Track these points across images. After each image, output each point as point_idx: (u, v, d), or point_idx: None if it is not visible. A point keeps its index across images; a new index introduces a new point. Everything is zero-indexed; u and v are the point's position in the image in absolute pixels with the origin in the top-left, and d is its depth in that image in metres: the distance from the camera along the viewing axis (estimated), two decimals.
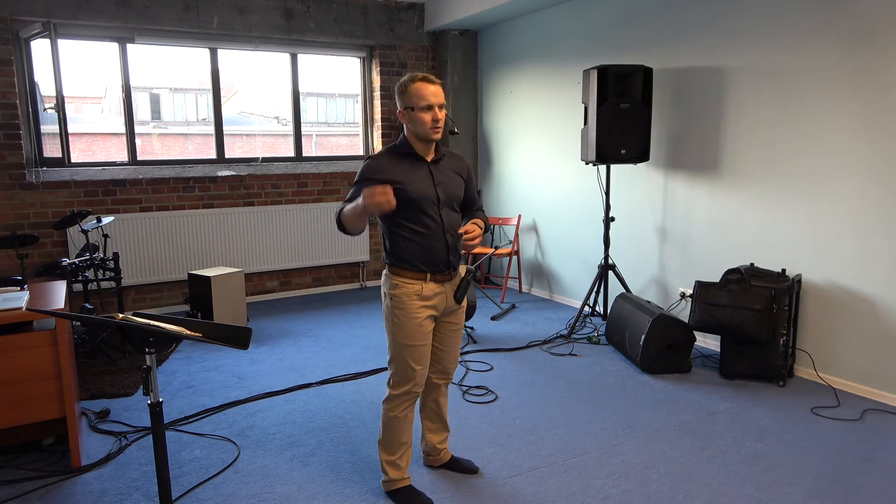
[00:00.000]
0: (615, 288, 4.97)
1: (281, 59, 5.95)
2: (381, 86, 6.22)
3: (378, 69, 6.20)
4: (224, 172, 5.60)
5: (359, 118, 6.51)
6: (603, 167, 4.87)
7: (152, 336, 1.81)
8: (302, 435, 3.12)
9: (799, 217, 3.77)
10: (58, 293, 3.03)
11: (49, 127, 4.98)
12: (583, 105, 4.53)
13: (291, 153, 6.08)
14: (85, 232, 4.24)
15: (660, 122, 4.60)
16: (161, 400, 1.89)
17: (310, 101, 8.03)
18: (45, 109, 4.95)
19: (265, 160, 5.87)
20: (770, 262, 3.95)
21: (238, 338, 1.87)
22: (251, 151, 6.32)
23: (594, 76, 4.33)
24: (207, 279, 4.71)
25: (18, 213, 4.83)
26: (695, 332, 3.98)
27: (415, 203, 2.31)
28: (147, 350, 1.82)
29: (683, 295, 4.51)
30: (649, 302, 4.19)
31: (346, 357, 4.26)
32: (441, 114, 2.31)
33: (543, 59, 5.58)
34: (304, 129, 6.10)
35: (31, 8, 4.69)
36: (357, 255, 6.27)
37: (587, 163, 4.50)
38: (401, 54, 6.28)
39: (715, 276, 4.20)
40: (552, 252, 5.76)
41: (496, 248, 5.78)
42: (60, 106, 4.88)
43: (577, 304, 5.45)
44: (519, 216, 5.96)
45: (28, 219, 4.87)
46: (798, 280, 3.72)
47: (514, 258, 6.07)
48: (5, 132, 4.73)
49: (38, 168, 4.91)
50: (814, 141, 3.65)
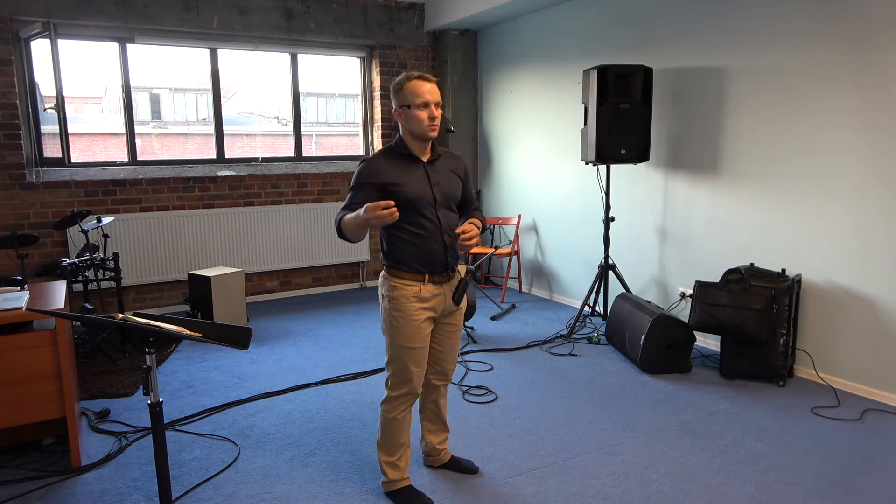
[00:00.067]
0: (615, 288, 4.97)
1: (281, 59, 5.95)
2: (381, 86, 6.22)
3: (378, 69, 6.20)
4: (224, 172, 5.60)
5: (359, 118, 6.51)
6: (603, 167, 4.87)
7: (152, 336, 1.81)
8: (302, 435, 3.13)
9: (799, 217, 3.77)
10: (58, 293, 3.03)
11: (49, 127, 4.98)
12: (583, 105, 4.53)
13: (291, 153, 6.08)
14: (85, 232, 4.24)
15: (660, 122, 4.60)
16: (161, 400, 1.89)
17: (310, 101, 8.04)
18: (45, 109, 4.95)
19: (265, 160, 5.87)
20: (770, 262, 3.95)
21: (238, 338, 1.87)
22: (251, 151, 6.33)
23: (594, 76, 4.33)
24: (207, 279, 4.72)
25: (18, 213, 4.84)
26: (695, 332, 3.98)
27: (411, 204, 2.30)
28: (147, 350, 1.82)
29: (683, 295, 4.51)
30: (649, 302, 4.19)
31: (346, 357, 4.26)
32: (437, 112, 2.30)
33: (543, 59, 5.58)
34: (304, 129, 6.10)
35: (31, 8, 4.69)
36: (357, 255, 6.27)
37: (587, 163, 4.50)
38: (401, 54, 6.27)
39: (715, 276, 4.20)
40: (552, 252, 5.76)
41: (496, 248, 5.78)
42: (60, 106, 4.88)
43: (577, 304, 5.45)
44: (519, 216, 5.96)
45: (28, 219, 4.87)
46: (798, 280, 3.72)
47: (514, 258, 6.07)
48: (5, 132, 4.73)
49: (38, 168, 4.91)
50: (814, 140, 3.65)
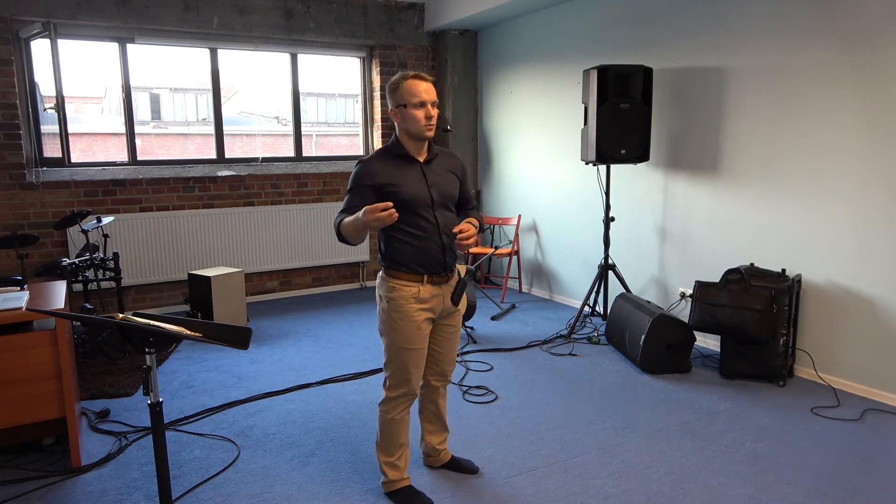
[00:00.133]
0: (615, 288, 4.97)
1: (281, 59, 5.95)
2: (381, 86, 6.22)
3: (378, 69, 6.20)
4: (224, 172, 5.60)
5: (359, 118, 6.51)
6: (603, 167, 4.87)
7: (152, 336, 1.81)
8: (302, 435, 3.13)
9: (799, 217, 3.77)
10: (58, 293, 3.03)
11: (49, 127, 4.98)
12: (583, 105, 4.53)
13: (291, 153, 6.08)
14: (85, 232, 4.24)
15: (660, 122, 4.60)
16: (161, 400, 1.89)
17: (310, 101, 8.04)
18: (45, 109, 4.95)
19: (265, 160, 5.87)
20: (770, 262, 3.95)
21: (238, 338, 1.87)
22: (251, 151, 6.33)
23: (594, 76, 4.33)
24: (207, 279, 4.71)
25: (18, 213, 4.84)
26: (695, 332, 3.98)
27: (409, 205, 2.29)
28: (147, 350, 1.82)
29: (683, 295, 4.51)
30: (649, 302, 4.19)
31: (346, 357, 4.26)
32: (434, 111, 2.29)
33: (543, 59, 5.58)
34: (304, 129, 6.10)
35: (31, 8, 4.69)
36: (357, 255, 6.27)
37: (587, 163, 4.50)
38: (401, 54, 6.28)
39: (715, 276, 4.20)
40: (552, 252, 5.76)
41: (496, 248, 5.78)
42: (60, 106, 4.88)
43: (577, 304, 5.45)
44: (519, 216, 5.96)
45: (28, 219, 4.87)
46: (798, 280, 3.72)
47: (514, 258, 6.07)
48: (5, 132, 4.73)
49: (38, 168, 4.91)
50: (814, 140, 3.65)
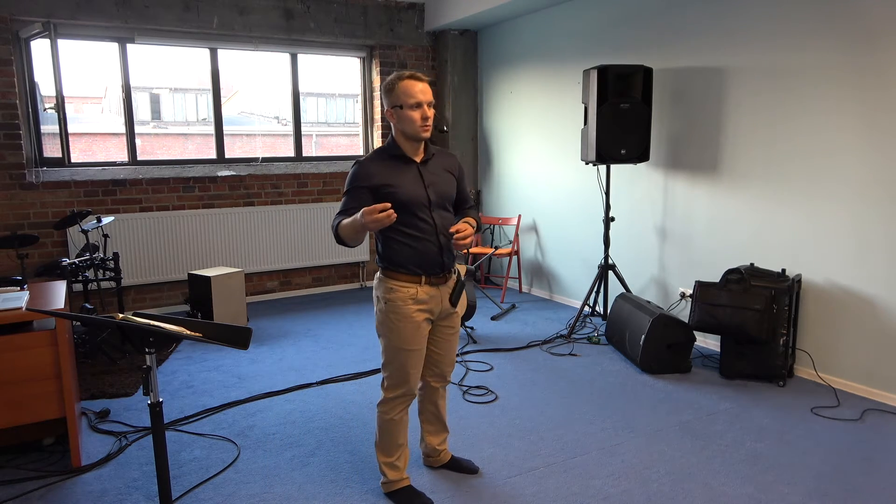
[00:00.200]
0: (615, 288, 4.97)
1: (281, 59, 5.95)
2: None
3: (378, 69, 6.20)
4: (224, 172, 5.60)
5: (359, 118, 6.51)
6: (603, 167, 4.87)
7: (152, 336, 1.81)
8: (302, 435, 3.13)
9: (799, 217, 3.77)
10: (58, 293, 3.03)
11: (49, 127, 4.98)
12: (583, 105, 4.53)
13: (291, 153, 6.08)
14: (85, 232, 4.24)
15: (660, 122, 4.60)
16: (161, 400, 1.89)
17: (310, 101, 8.05)
18: (45, 109, 4.95)
19: (265, 160, 5.87)
20: (770, 262, 3.95)
21: (238, 338, 1.87)
22: (251, 151, 6.33)
23: (594, 76, 4.33)
24: (207, 279, 4.71)
25: (18, 213, 4.84)
26: (695, 332, 3.98)
27: (406, 206, 2.28)
28: (147, 350, 1.82)
29: (683, 295, 4.51)
30: (649, 302, 4.19)
31: (346, 357, 4.26)
32: (430, 112, 2.28)
33: (543, 59, 5.58)
34: (304, 129, 6.10)
35: (31, 8, 4.69)
36: (357, 256, 6.27)
37: (587, 163, 4.50)
38: (401, 54, 6.28)
39: (715, 276, 4.20)
40: (552, 252, 5.76)
41: (496, 248, 5.78)
42: (60, 106, 4.88)
43: (577, 304, 5.45)
44: (519, 216, 5.96)
45: (28, 219, 4.87)
46: (798, 280, 3.72)
47: (514, 258, 6.07)
48: (5, 132, 4.73)
49: (38, 168, 4.91)
50: (814, 140, 3.65)
